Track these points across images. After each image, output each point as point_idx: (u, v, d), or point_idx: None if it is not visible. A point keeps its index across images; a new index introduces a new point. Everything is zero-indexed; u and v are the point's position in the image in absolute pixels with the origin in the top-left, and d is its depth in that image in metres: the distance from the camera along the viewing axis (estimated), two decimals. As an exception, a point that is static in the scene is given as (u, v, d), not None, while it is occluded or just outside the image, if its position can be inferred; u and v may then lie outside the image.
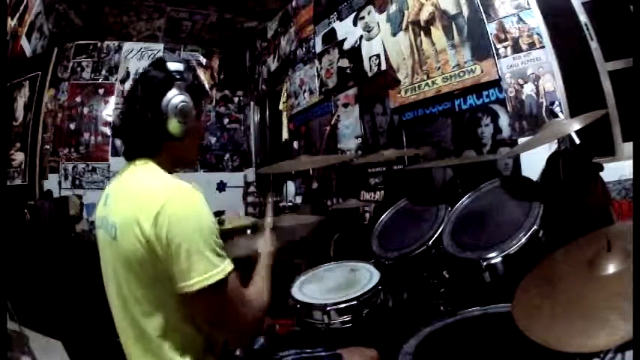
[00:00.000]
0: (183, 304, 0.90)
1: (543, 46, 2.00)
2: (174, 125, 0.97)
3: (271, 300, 1.03)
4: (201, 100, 1.07)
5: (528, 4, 2.04)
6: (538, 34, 2.01)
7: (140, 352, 0.93)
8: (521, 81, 2.08)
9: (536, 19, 2.02)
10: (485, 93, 2.26)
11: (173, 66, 1.00)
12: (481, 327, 1.24)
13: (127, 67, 4.71)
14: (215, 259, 0.86)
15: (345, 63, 3.36)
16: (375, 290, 1.60)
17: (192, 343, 0.93)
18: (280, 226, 1.43)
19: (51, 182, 4.32)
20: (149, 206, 0.86)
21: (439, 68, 2.50)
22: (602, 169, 1.67)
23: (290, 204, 3.74)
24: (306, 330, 1.57)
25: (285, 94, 4.26)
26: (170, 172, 1.00)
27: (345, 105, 3.35)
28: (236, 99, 5.40)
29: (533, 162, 1.91)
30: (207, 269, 0.84)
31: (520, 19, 2.07)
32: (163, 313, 0.90)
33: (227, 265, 0.88)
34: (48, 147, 4.36)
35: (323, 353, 1.15)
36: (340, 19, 3.40)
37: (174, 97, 0.97)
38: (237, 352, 1.15)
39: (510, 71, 2.12)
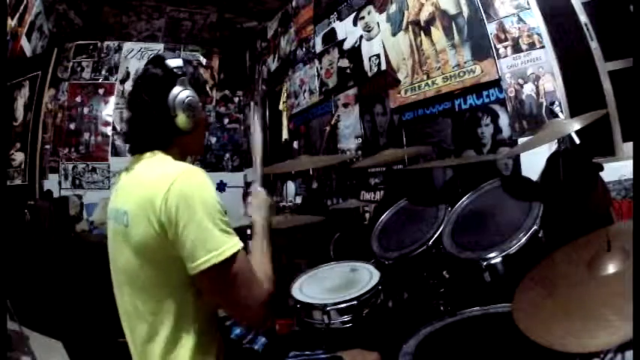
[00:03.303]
0: (194, 289, 0.90)
1: (543, 46, 2.00)
2: (183, 120, 0.99)
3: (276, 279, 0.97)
4: (203, 91, 1.09)
5: (528, 4, 2.04)
6: (538, 34, 2.01)
7: (152, 340, 0.92)
8: (521, 81, 2.08)
9: (536, 19, 2.02)
10: (485, 93, 2.26)
11: (173, 62, 1.01)
12: (481, 327, 1.23)
13: (127, 67, 4.71)
14: (224, 236, 0.86)
15: (345, 63, 3.35)
16: (375, 290, 1.59)
17: (206, 329, 0.94)
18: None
19: (51, 182, 4.32)
20: (160, 188, 0.86)
21: (439, 68, 2.50)
22: (602, 169, 1.67)
23: (290, 204, 3.74)
24: (306, 330, 1.57)
25: (285, 94, 4.26)
26: None
27: (345, 105, 3.35)
28: (236, 99, 5.40)
29: (534, 162, 1.91)
30: (218, 245, 0.84)
31: (520, 19, 2.06)
32: (177, 300, 0.90)
33: (237, 242, 0.87)
34: (48, 147, 4.36)
35: (323, 355, 1.14)
36: (340, 19, 3.40)
37: (180, 93, 0.98)
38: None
39: (510, 71, 2.12)
